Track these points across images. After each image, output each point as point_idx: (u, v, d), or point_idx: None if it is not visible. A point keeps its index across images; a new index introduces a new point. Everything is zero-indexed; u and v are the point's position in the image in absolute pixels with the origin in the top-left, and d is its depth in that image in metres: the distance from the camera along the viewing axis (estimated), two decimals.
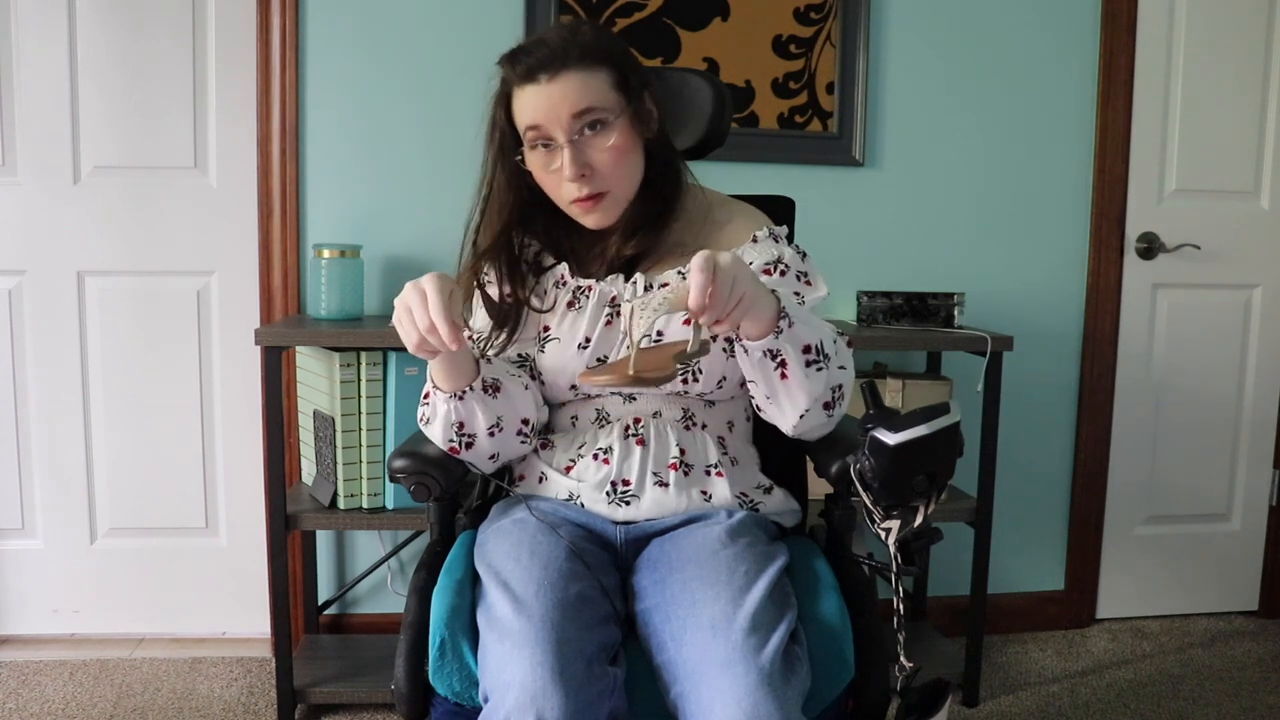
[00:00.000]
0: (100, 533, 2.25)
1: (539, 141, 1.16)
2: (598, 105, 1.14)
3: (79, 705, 1.95)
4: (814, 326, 1.08)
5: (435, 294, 1.01)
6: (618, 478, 1.20)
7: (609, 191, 1.18)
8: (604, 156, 1.15)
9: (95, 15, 2.09)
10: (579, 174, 1.15)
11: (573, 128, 1.14)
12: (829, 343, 1.09)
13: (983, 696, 2.08)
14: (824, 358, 1.07)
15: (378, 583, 2.26)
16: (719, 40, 2.16)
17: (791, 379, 1.07)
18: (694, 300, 0.93)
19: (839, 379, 1.12)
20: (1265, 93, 2.39)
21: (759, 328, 1.03)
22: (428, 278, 1.03)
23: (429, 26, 2.10)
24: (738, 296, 0.96)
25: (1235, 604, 2.57)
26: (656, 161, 1.23)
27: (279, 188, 2.09)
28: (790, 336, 1.04)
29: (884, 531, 1.05)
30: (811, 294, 1.22)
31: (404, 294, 1.04)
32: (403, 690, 1.11)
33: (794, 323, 1.04)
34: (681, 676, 1.00)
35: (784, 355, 1.05)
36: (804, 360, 1.06)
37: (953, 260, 2.31)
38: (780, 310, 1.03)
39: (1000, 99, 2.29)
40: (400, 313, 1.05)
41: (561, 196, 1.20)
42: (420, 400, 1.20)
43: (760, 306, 1.01)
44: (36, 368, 2.18)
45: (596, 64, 1.14)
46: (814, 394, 1.09)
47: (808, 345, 1.06)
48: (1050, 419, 2.40)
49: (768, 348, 1.04)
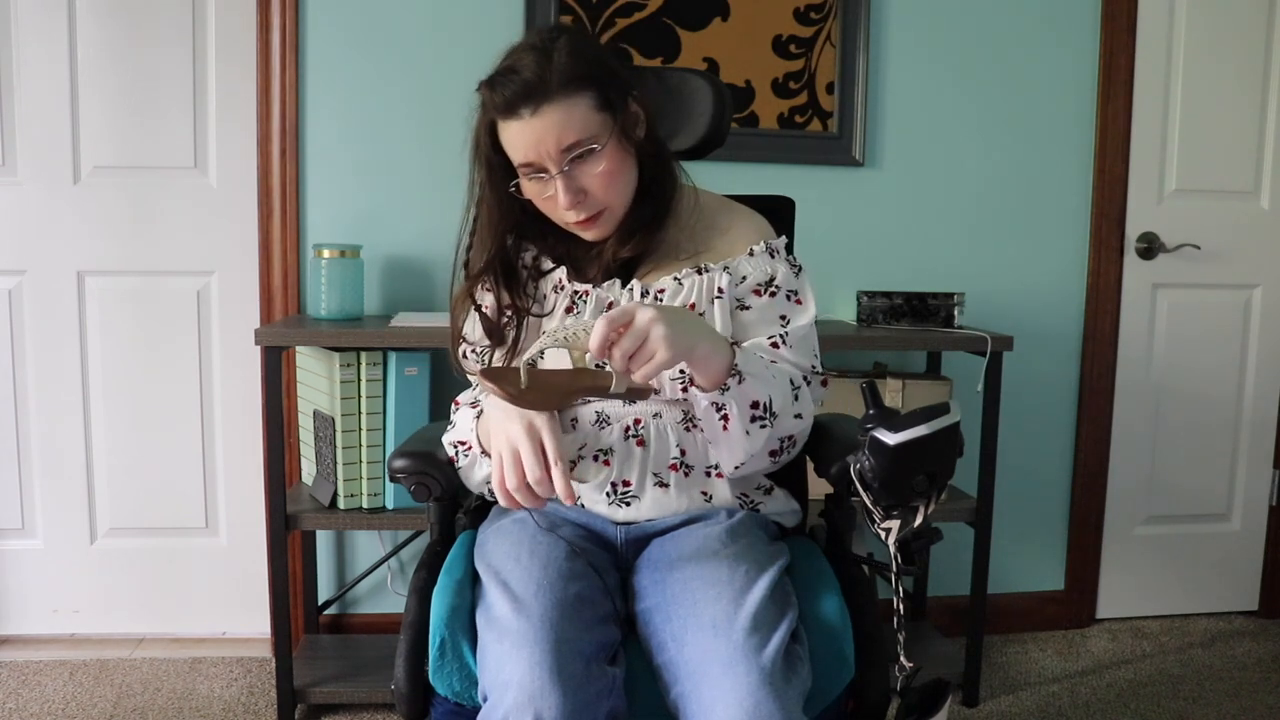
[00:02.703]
0: (100, 533, 2.25)
1: (531, 174, 1.15)
2: (584, 137, 1.12)
3: (79, 705, 1.95)
4: (766, 382, 1.09)
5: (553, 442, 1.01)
6: (618, 479, 1.20)
7: (605, 209, 1.18)
8: (596, 181, 1.15)
9: (95, 15, 2.09)
10: (574, 202, 1.14)
11: (562, 160, 1.12)
12: (780, 399, 1.10)
13: (983, 696, 2.08)
14: (771, 416, 1.09)
15: (378, 583, 2.26)
16: (719, 40, 2.16)
17: (732, 433, 1.09)
18: (594, 344, 0.96)
19: (790, 429, 1.13)
20: (1265, 93, 2.39)
21: (708, 379, 1.05)
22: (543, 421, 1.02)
23: (429, 26, 2.10)
24: (650, 351, 0.97)
25: (1235, 604, 2.57)
26: (648, 163, 1.22)
27: (279, 188, 2.09)
28: (738, 393, 1.06)
29: (884, 531, 1.05)
30: (799, 318, 1.21)
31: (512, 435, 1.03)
32: (403, 690, 1.12)
33: (745, 379, 1.06)
34: (683, 676, 1.00)
35: (728, 411, 1.07)
36: (749, 415, 1.08)
37: (953, 260, 2.31)
38: (732, 366, 1.05)
39: (1000, 99, 2.29)
40: (504, 450, 1.03)
41: (559, 217, 1.19)
42: (455, 442, 1.19)
43: (708, 359, 1.03)
44: (36, 368, 2.18)
45: (576, 90, 1.11)
46: (751, 450, 1.11)
47: (755, 402, 1.08)
48: (1050, 419, 2.40)
49: (714, 400, 1.07)
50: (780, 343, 1.18)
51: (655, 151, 1.23)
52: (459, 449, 1.18)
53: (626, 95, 1.17)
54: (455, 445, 1.19)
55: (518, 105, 1.11)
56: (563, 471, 1.00)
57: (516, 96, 1.10)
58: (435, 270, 2.14)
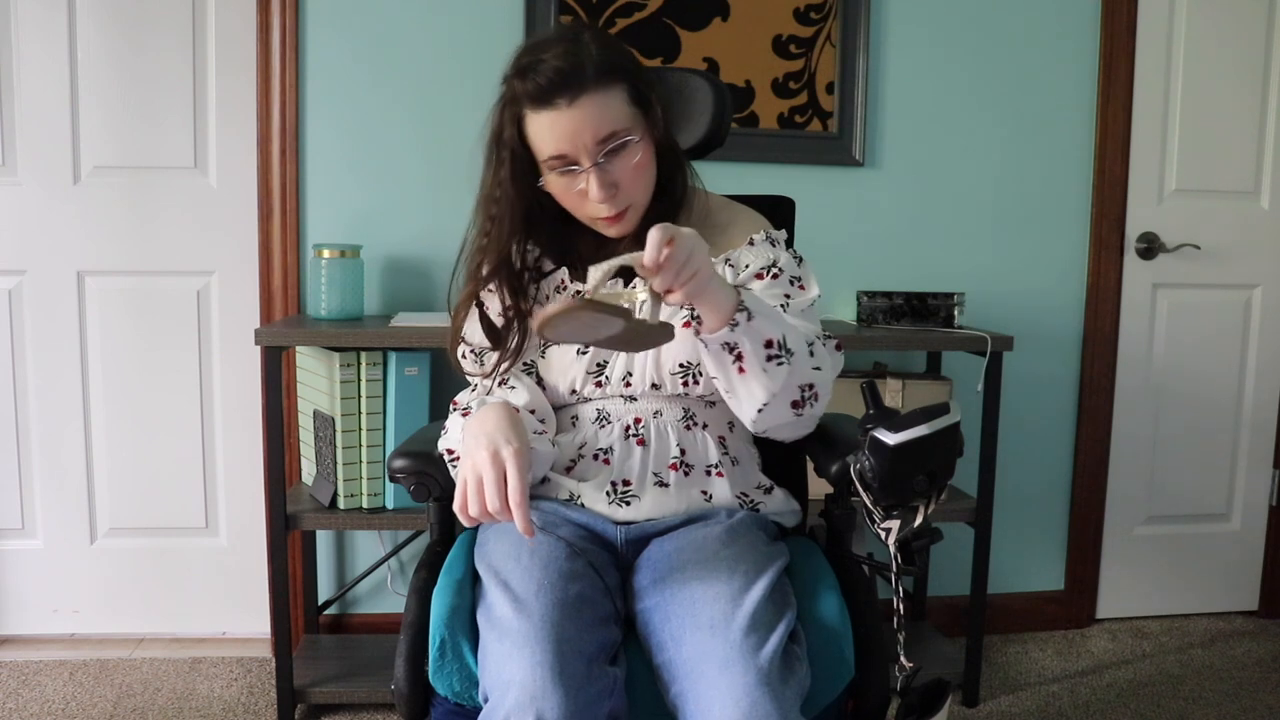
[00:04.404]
0: (100, 533, 2.25)
1: (562, 167, 1.14)
2: (620, 128, 1.11)
3: (79, 705, 1.95)
4: (777, 322, 1.07)
5: (518, 480, 1.00)
6: (618, 478, 1.20)
7: (632, 204, 1.17)
8: (628, 174, 1.14)
9: (95, 16, 2.09)
10: (606, 195, 1.13)
11: (597, 152, 1.11)
12: (794, 339, 1.07)
13: (983, 696, 2.08)
14: (787, 353, 1.06)
15: (378, 583, 2.26)
16: (719, 40, 2.16)
17: (749, 372, 1.06)
18: (648, 257, 0.93)
19: (809, 378, 1.09)
20: (1265, 93, 2.39)
21: (715, 317, 1.02)
22: (510, 454, 1.02)
23: (429, 27, 2.10)
24: (692, 269, 0.96)
25: (1235, 604, 2.57)
26: (666, 161, 1.22)
27: (279, 188, 2.09)
28: (748, 330, 1.03)
29: (884, 531, 1.05)
30: (801, 297, 1.21)
31: (478, 462, 1.02)
32: (403, 690, 1.12)
33: (754, 316, 1.03)
34: (680, 676, 1.00)
35: (741, 349, 1.04)
36: (764, 355, 1.05)
37: (953, 260, 2.31)
38: (739, 303, 1.03)
39: (1000, 99, 2.29)
40: (469, 478, 1.03)
41: (585, 214, 1.18)
42: (446, 452, 1.18)
43: (717, 293, 1.01)
44: (36, 368, 2.18)
45: (612, 82, 1.10)
46: (772, 389, 1.07)
47: (769, 340, 1.05)
48: (1050, 419, 2.40)
49: (725, 340, 1.04)
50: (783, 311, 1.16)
51: (671, 148, 1.23)
52: (448, 457, 1.19)
53: (652, 91, 1.17)
54: (446, 453, 1.19)
55: (553, 95, 1.09)
56: (523, 511, 0.99)
57: (552, 86, 1.08)
58: (435, 270, 2.14)
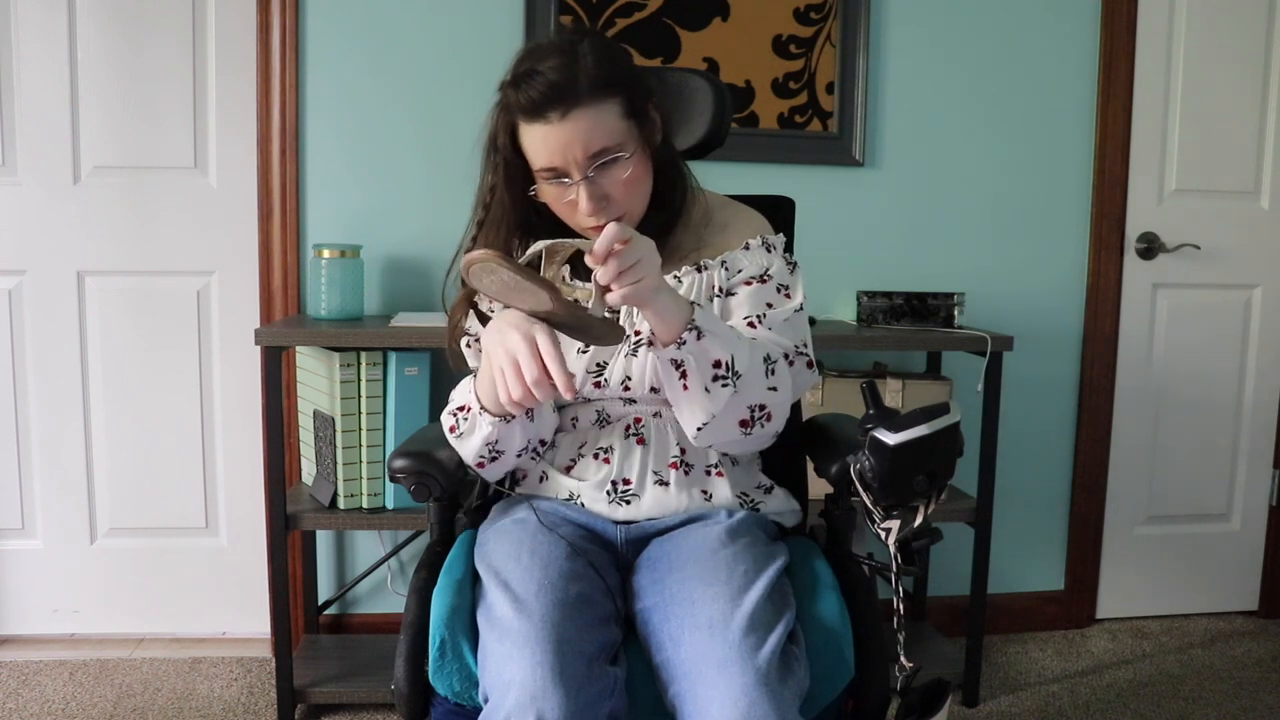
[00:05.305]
0: (100, 533, 2.25)
1: (552, 178, 1.13)
2: (611, 144, 1.11)
3: (79, 705, 1.95)
4: (729, 343, 1.06)
5: (549, 343, 1.00)
6: (618, 477, 1.20)
7: (624, 215, 1.16)
8: (619, 188, 1.13)
9: (95, 16, 2.09)
10: (596, 209, 1.13)
11: (587, 166, 1.11)
12: (747, 360, 1.07)
13: (983, 696, 2.08)
14: (734, 375, 1.05)
15: (378, 583, 2.26)
16: (719, 40, 2.16)
17: (691, 390, 1.06)
18: (598, 247, 0.95)
19: (761, 399, 1.09)
20: (1265, 93, 2.39)
21: (665, 332, 1.03)
22: (540, 328, 1.02)
23: (429, 26, 2.10)
24: (638, 274, 0.97)
25: (1235, 604, 2.57)
26: (664, 170, 1.21)
27: (279, 188, 2.09)
28: (696, 349, 1.04)
29: (884, 531, 1.05)
30: (784, 306, 1.20)
31: (507, 342, 1.02)
32: (403, 690, 1.12)
33: (704, 335, 1.03)
34: (679, 676, 1.00)
35: (686, 367, 1.05)
36: (710, 374, 1.05)
37: (953, 260, 2.31)
38: (689, 322, 1.03)
39: (1000, 99, 2.29)
40: (504, 362, 1.02)
41: (576, 222, 1.18)
42: (454, 411, 1.18)
43: (666, 307, 1.02)
44: (36, 368, 2.18)
45: (605, 96, 1.10)
46: (712, 410, 1.07)
47: (717, 360, 1.05)
48: (1050, 419, 2.40)
49: (672, 357, 1.05)
50: (757, 323, 1.16)
51: (670, 157, 1.22)
52: (459, 416, 1.17)
53: (648, 101, 1.17)
54: (455, 414, 1.18)
55: (545, 108, 1.08)
56: (560, 367, 0.99)
57: (544, 99, 1.08)
58: (435, 270, 2.14)
